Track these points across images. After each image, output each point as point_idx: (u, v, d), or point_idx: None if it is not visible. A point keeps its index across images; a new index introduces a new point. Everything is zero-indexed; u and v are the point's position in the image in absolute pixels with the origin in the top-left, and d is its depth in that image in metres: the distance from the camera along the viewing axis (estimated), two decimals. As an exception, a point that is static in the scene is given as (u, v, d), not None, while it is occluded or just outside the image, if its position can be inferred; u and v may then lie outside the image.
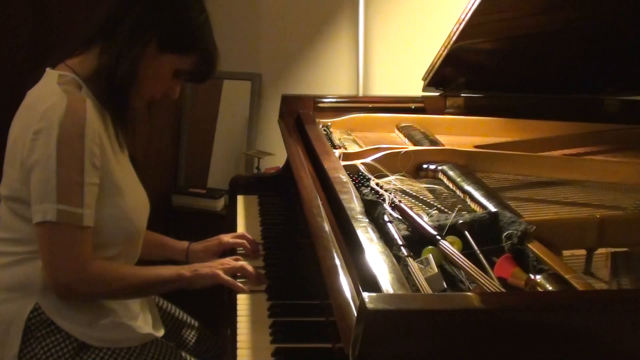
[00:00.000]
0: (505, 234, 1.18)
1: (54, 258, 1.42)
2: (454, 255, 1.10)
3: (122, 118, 1.54)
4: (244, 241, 1.78)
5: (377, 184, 1.45)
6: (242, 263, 1.60)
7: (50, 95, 1.44)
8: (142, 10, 1.48)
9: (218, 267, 1.57)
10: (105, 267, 1.49)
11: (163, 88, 1.56)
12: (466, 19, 1.86)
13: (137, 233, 1.58)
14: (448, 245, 1.13)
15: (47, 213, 1.39)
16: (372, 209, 1.29)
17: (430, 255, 1.10)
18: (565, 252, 1.25)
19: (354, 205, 1.31)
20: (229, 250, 1.78)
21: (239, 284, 1.57)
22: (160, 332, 1.63)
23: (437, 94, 2.21)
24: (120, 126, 1.54)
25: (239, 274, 1.61)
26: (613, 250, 1.27)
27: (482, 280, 1.03)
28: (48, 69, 1.52)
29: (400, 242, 1.16)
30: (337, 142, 1.84)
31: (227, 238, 1.79)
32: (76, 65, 1.51)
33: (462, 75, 2.15)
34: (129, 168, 1.62)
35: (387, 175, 1.53)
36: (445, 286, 1.06)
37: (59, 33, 2.64)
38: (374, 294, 0.89)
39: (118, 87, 1.48)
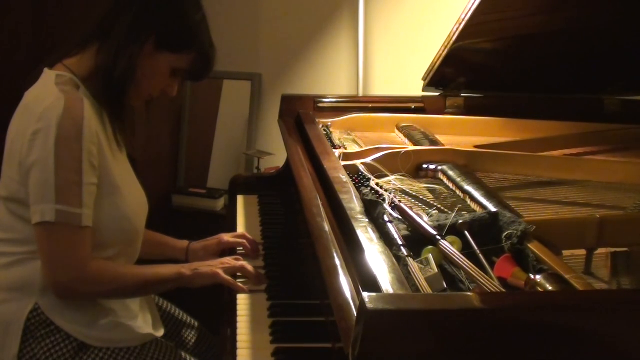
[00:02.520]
0: (505, 234, 1.18)
1: (53, 258, 1.42)
2: (454, 255, 1.10)
3: (120, 117, 1.54)
4: (244, 241, 1.78)
5: (377, 184, 1.45)
6: (243, 263, 1.60)
7: (48, 95, 1.44)
8: (138, 9, 1.49)
9: (218, 267, 1.57)
10: (105, 267, 1.48)
11: (161, 86, 1.56)
12: (466, 19, 1.86)
13: (135, 233, 1.58)
14: (448, 245, 1.13)
15: (45, 213, 1.39)
16: (372, 209, 1.29)
17: (430, 255, 1.10)
18: (565, 252, 1.25)
19: (354, 205, 1.31)
20: (228, 250, 1.78)
21: (239, 284, 1.57)
22: (160, 332, 1.63)
23: (437, 94, 2.21)
24: (118, 125, 1.54)
25: (239, 274, 1.61)
26: (613, 250, 1.27)
27: (482, 280, 1.03)
28: (46, 69, 1.52)
29: (400, 242, 1.16)
30: (337, 142, 1.84)
31: (227, 237, 1.79)
32: (74, 65, 1.51)
33: (462, 75, 2.15)
34: (128, 168, 1.62)
35: (387, 175, 1.53)
36: (445, 286, 1.06)
37: (59, 33, 2.64)
38: (374, 294, 0.89)
39: (116, 86, 1.48)
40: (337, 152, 1.68)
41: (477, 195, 1.42)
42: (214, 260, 1.63)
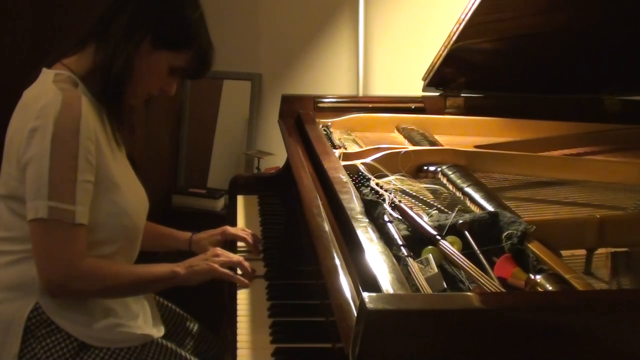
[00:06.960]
0: (505, 234, 1.18)
1: (45, 255, 1.41)
2: (454, 255, 1.10)
3: (118, 116, 1.54)
4: (248, 235, 1.78)
5: (377, 184, 1.45)
6: (240, 258, 1.60)
7: (46, 93, 1.44)
8: (135, 8, 1.49)
9: (214, 261, 1.56)
10: (98, 265, 1.48)
11: (159, 85, 1.56)
12: (466, 19, 1.86)
13: (135, 229, 1.57)
14: (448, 245, 1.13)
15: (39, 210, 1.39)
16: (372, 209, 1.29)
17: (430, 255, 1.10)
18: (565, 252, 1.25)
19: (354, 205, 1.31)
20: (229, 243, 1.78)
21: (240, 277, 1.57)
22: (161, 333, 1.62)
23: (437, 94, 2.21)
24: (116, 124, 1.54)
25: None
26: (613, 250, 1.27)
27: (482, 280, 1.03)
28: (44, 69, 1.52)
29: (400, 242, 1.16)
30: (337, 142, 1.84)
31: (231, 230, 1.80)
32: (72, 63, 1.52)
33: (462, 75, 2.15)
34: (127, 166, 1.62)
35: (387, 175, 1.53)
36: (445, 286, 1.06)
37: (59, 33, 2.64)
38: (374, 294, 0.89)
39: (113, 85, 1.48)
40: (337, 152, 1.68)
41: (477, 197, 1.42)
42: (206, 254, 1.62)
